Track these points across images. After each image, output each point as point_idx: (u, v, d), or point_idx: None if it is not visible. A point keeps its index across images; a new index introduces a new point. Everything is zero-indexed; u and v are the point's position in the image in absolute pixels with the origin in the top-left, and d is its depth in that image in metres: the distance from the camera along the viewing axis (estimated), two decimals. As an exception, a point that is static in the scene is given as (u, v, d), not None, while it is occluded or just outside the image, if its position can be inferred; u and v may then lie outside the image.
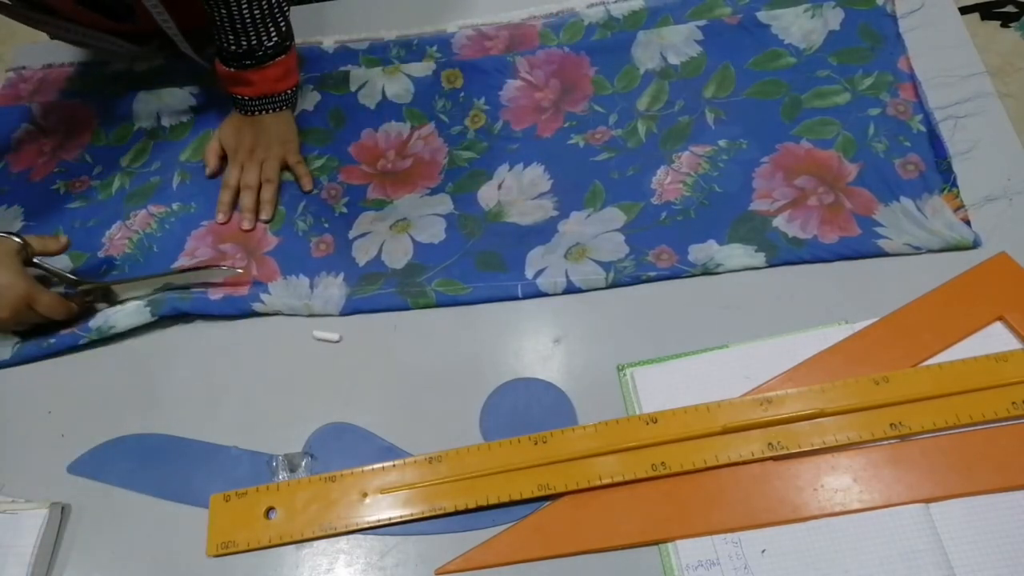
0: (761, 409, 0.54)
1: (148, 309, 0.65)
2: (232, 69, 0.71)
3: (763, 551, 0.51)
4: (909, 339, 0.57)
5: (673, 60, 0.74)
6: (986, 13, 1.52)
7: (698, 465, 0.53)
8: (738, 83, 0.72)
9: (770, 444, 0.53)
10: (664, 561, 0.51)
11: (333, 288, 0.66)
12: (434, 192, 0.71)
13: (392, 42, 0.80)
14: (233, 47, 0.70)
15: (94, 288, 0.65)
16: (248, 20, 0.68)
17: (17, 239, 0.61)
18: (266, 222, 0.72)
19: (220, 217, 0.72)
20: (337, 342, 0.63)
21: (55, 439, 0.62)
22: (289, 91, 0.75)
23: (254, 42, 0.69)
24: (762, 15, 0.74)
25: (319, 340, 0.64)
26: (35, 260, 0.63)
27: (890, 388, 0.54)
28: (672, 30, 0.75)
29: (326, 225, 0.71)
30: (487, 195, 0.70)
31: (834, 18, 0.73)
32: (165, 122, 0.80)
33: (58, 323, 0.65)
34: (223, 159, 0.75)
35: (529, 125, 0.73)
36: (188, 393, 0.63)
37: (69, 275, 0.62)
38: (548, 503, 0.54)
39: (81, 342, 0.65)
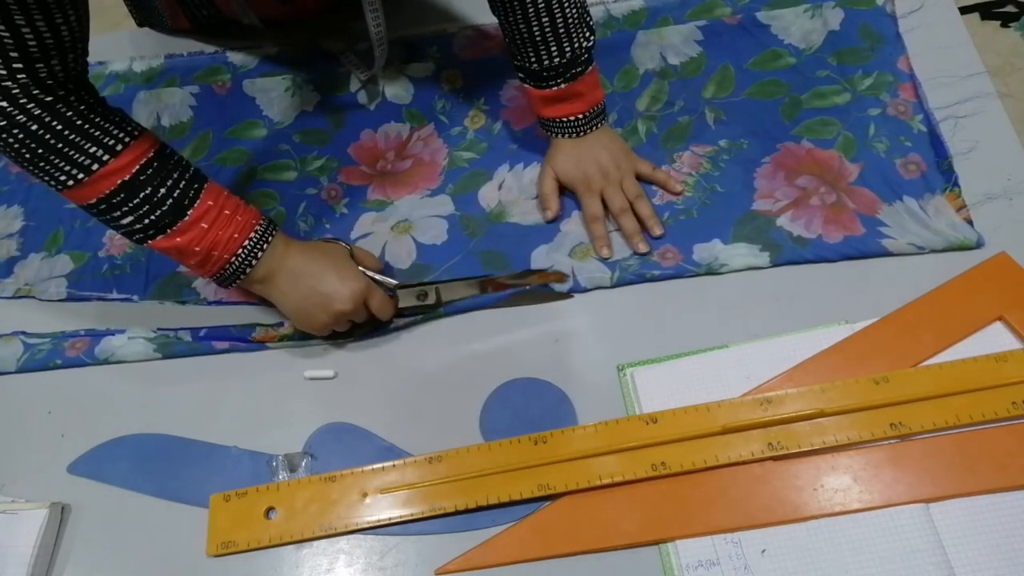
0: (761, 409, 0.54)
1: (157, 353, 0.65)
2: (560, 87, 0.64)
3: (763, 551, 0.51)
4: (909, 339, 0.57)
5: (673, 60, 0.74)
6: (986, 13, 1.52)
7: (698, 465, 0.53)
8: (738, 83, 0.72)
9: (770, 444, 0.53)
10: (664, 561, 0.51)
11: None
12: (434, 194, 0.71)
13: (392, 42, 0.80)
14: (556, 58, 0.62)
15: (413, 290, 0.63)
16: (571, 21, 0.61)
17: (345, 245, 0.62)
18: (658, 237, 0.65)
19: (605, 252, 0.65)
20: (332, 378, 0.62)
21: (55, 439, 0.62)
22: (604, 97, 0.67)
23: (576, 45, 0.62)
24: (762, 15, 0.74)
25: (311, 379, 0.62)
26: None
27: (890, 388, 0.54)
28: (672, 30, 0.75)
29: (327, 226, 0.71)
30: (488, 195, 0.70)
31: (834, 18, 0.73)
32: (165, 122, 0.80)
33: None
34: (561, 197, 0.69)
35: (529, 125, 0.73)
36: (188, 393, 0.63)
37: (389, 279, 0.63)
38: (548, 503, 0.54)
39: (87, 364, 0.66)
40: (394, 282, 0.62)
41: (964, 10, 1.45)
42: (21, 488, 0.60)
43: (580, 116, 0.66)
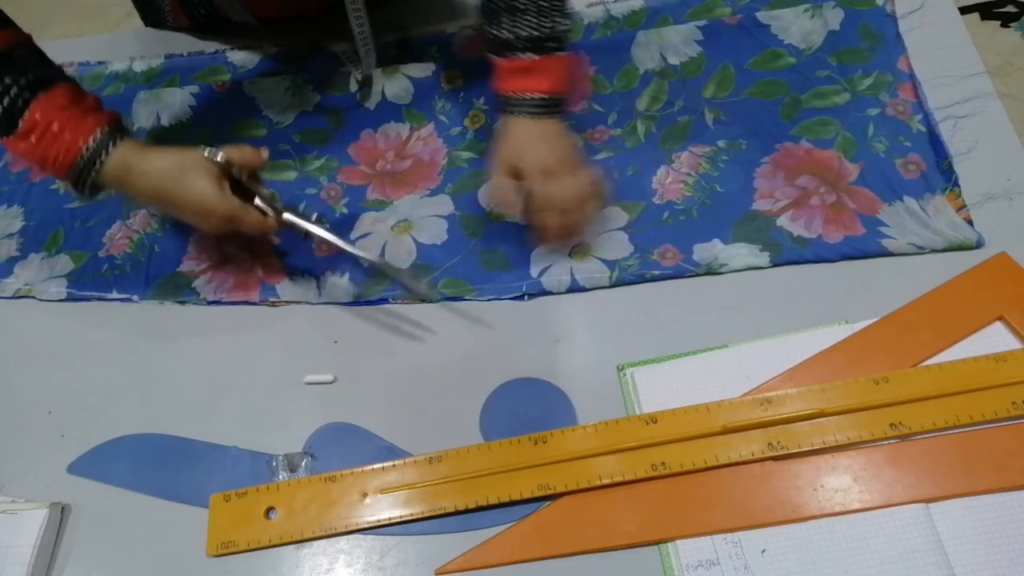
0: (761, 409, 0.54)
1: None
2: (530, 58, 0.60)
3: (763, 551, 0.51)
4: (909, 339, 0.57)
5: (672, 60, 0.74)
6: (986, 13, 1.52)
7: (698, 465, 0.53)
8: (738, 83, 0.72)
9: (770, 444, 0.53)
10: (664, 561, 0.51)
11: (340, 288, 0.66)
12: (434, 193, 0.71)
13: (392, 43, 0.80)
14: (535, 32, 0.60)
15: (293, 223, 0.62)
16: None
17: (219, 160, 0.58)
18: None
19: (556, 245, 0.63)
20: (331, 383, 0.62)
21: (55, 439, 0.62)
22: (572, 97, 0.64)
23: (557, 22, 0.60)
24: (762, 15, 0.74)
25: (311, 384, 0.62)
26: (241, 180, 0.60)
27: (890, 388, 0.54)
28: (672, 30, 0.75)
29: (327, 226, 0.70)
30: (488, 195, 0.70)
31: (834, 18, 0.73)
32: (165, 122, 0.80)
33: None
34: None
35: (529, 125, 0.73)
36: (188, 393, 0.63)
37: (273, 203, 0.61)
38: (548, 503, 0.54)
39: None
40: (279, 207, 0.61)
41: (964, 10, 1.45)
42: (21, 488, 0.60)
43: (544, 96, 0.61)
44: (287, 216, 0.62)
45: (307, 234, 0.62)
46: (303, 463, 0.58)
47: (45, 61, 0.58)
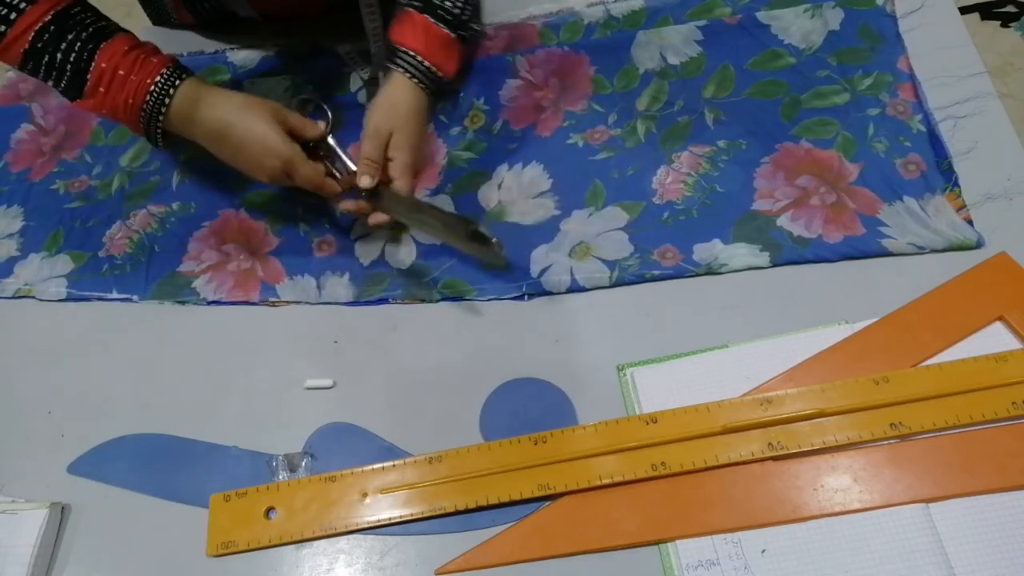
0: (761, 409, 0.54)
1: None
2: (458, 36, 0.64)
3: (763, 551, 0.51)
4: (909, 339, 0.57)
5: (672, 60, 0.74)
6: (986, 13, 1.52)
7: (698, 465, 0.53)
8: (738, 83, 0.72)
9: (770, 444, 0.53)
10: (664, 561, 0.51)
11: (340, 288, 0.67)
12: (434, 193, 0.71)
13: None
14: (460, 12, 0.64)
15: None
16: None
17: (281, 105, 0.61)
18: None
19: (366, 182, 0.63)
20: (331, 387, 0.62)
21: (55, 439, 0.62)
22: (447, 81, 0.67)
23: (463, 14, 0.63)
24: (762, 15, 0.74)
25: (311, 389, 0.62)
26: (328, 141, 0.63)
27: (890, 388, 0.54)
28: (672, 30, 0.75)
29: (327, 226, 0.71)
30: (487, 195, 0.70)
31: (834, 18, 0.73)
32: (165, 122, 0.80)
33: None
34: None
35: (528, 124, 0.73)
36: (188, 393, 0.63)
37: (351, 164, 0.62)
38: (548, 503, 0.54)
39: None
40: (352, 166, 0.63)
41: (964, 10, 1.45)
42: (21, 488, 0.60)
43: (443, 76, 0.65)
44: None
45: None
46: (303, 463, 0.58)
47: (101, 15, 0.59)
